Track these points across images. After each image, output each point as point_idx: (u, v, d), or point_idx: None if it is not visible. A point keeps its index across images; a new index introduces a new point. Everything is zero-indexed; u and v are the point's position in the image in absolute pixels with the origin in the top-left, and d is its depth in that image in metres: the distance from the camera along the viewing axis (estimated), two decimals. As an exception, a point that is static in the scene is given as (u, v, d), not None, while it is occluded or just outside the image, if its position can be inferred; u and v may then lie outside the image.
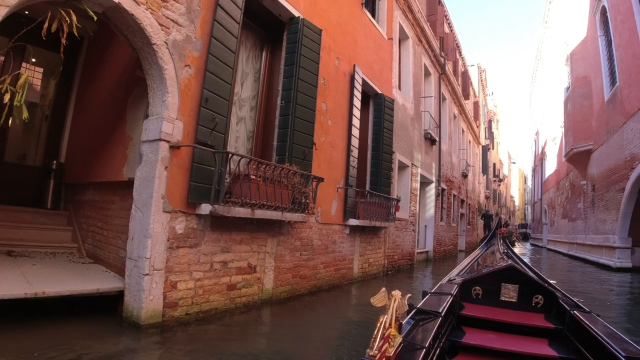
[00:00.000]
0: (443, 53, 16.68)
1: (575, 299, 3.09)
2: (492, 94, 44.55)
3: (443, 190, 16.79)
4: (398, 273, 10.41)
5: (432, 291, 3.18)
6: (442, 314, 2.50)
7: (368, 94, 9.48)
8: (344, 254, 7.90)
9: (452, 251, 18.93)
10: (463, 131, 23.33)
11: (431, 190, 15.12)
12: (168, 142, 4.37)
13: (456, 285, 3.28)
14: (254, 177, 4.93)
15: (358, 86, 8.32)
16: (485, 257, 5.63)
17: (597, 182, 17.51)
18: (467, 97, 23.51)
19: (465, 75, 23.93)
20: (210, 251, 4.87)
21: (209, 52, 4.84)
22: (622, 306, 7.70)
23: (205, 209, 4.60)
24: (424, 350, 1.82)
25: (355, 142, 8.11)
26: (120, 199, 5.37)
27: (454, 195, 19.59)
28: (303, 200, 5.83)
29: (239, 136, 6.20)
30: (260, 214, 5.14)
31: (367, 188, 9.05)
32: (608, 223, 15.58)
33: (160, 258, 4.25)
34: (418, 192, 13.04)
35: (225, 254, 5.09)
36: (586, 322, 2.51)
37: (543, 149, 34.97)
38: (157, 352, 3.62)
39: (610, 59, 15.83)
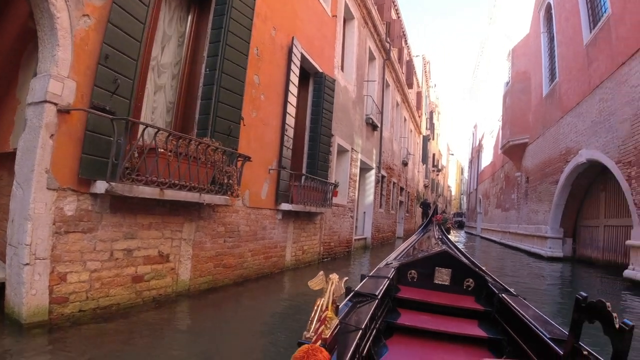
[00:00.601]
0: (389, 39, 16.35)
1: (504, 284, 3.21)
2: (435, 86, 45.51)
3: (383, 177, 16.60)
4: (334, 260, 10.01)
5: (370, 275, 3.22)
6: (379, 297, 2.55)
7: (308, 72, 8.89)
8: (276, 240, 7.31)
9: (391, 238, 18.95)
10: (405, 120, 23.37)
11: (371, 176, 14.84)
12: (55, 104, 3.63)
13: (393, 269, 3.35)
14: (162, 150, 4.18)
15: (296, 61, 7.69)
16: (421, 242, 5.74)
17: (531, 174, 18.10)
18: (410, 86, 23.53)
19: (410, 65, 23.93)
20: (110, 237, 4.08)
21: (113, 0, 4.03)
22: (550, 292, 8.09)
23: (100, 187, 3.77)
24: (360, 331, 1.84)
25: (291, 121, 7.51)
26: (8, 174, 4.52)
27: (394, 183, 19.54)
28: (226, 181, 5.12)
29: (157, 107, 5.37)
30: (171, 194, 4.39)
31: (304, 171, 8.50)
32: (540, 214, 16.11)
33: (44, 245, 3.52)
34: (358, 178, 12.67)
35: (130, 240, 4.31)
36: (513, 304, 2.59)
37: (480, 141, 36.17)
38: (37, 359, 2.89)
39: (551, 55, 16.27)
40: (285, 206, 7.25)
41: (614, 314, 1.43)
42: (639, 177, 8.65)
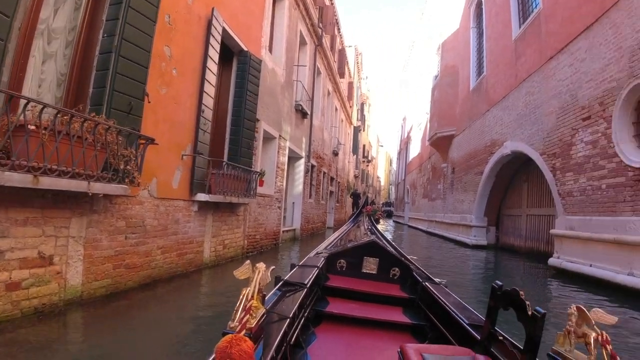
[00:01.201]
0: (321, 24, 15.80)
1: (427, 272, 3.33)
2: (367, 78, 45.93)
3: (313, 166, 16.09)
4: (261, 254, 9.32)
5: (300, 264, 3.25)
6: (308, 286, 2.59)
7: (232, 50, 8.07)
8: (191, 235, 6.45)
9: (321, 228, 18.58)
10: (336, 109, 23.07)
11: (300, 165, 14.25)
12: None
13: (323, 259, 3.41)
14: (33, 128, 3.29)
15: (217, 35, 6.85)
16: (351, 232, 5.81)
17: (457, 165, 18.54)
18: (342, 75, 23.24)
19: (342, 54, 23.62)
20: (-34, 237, 3.16)
21: None
22: (472, 279, 8.39)
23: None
24: (288, 320, 1.86)
25: (209, 101, 6.67)
26: None
27: (324, 173, 19.16)
28: (122, 167, 4.26)
29: (46, 79, 4.33)
30: (49, 183, 3.49)
31: (225, 159, 7.70)
32: (466, 203, 16.51)
33: None
34: (286, 166, 12.02)
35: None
36: (435, 292, 2.72)
37: (409, 133, 37.03)
38: None
39: (480, 50, 16.66)
40: (201, 196, 6.40)
41: (527, 302, 1.49)
42: (564, 169, 8.83)
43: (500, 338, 1.73)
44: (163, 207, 5.63)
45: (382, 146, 76.63)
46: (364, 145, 42.39)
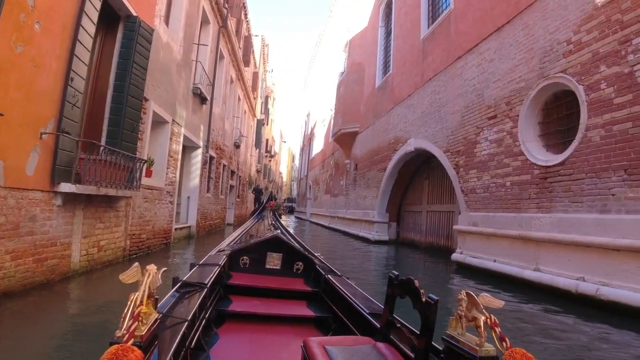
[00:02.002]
0: (227, 5, 14.72)
1: (330, 265, 3.37)
2: (272, 71, 45.05)
3: (212, 158, 14.81)
4: (148, 256, 7.99)
5: (200, 263, 3.11)
6: (208, 285, 2.50)
7: (117, 13, 6.78)
8: (54, 236, 4.99)
9: (220, 225, 17.34)
10: (239, 99, 21.90)
11: (197, 156, 12.89)
12: None
13: (224, 256, 3.32)
14: None
15: (97, -10, 5.63)
16: (254, 228, 5.74)
17: (360, 162, 18.65)
18: (247, 64, 22.19)
19: (249, 41, 22.57)
20: None
21: None
22: (373, 271, 8.63)
23: None
24: (186, 322, 1.78)
25: (82, 69, 5.31)
26: None
27: (224, 165, 17.90)
28: None
29: None
30: None
31: (103, 142, 6.43)
32: (368, 199, 16.59)
33: None
34: (180, 156, 10.65)
35: None
36: (337, 284, 2.80)
37: (312, 129, 37.04)
38: None
39: (387, 49, 16.84)
40: (67, 187, 4.98)
41: (422, 290, 1.56)
42: (467, 166, 8.98)
43: (398, 325, 1.81)
44: (13, 200, 4.26)
45: (285, 142, 76.31)
46: (267, 140, 41.53)
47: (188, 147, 12.25)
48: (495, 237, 7.57)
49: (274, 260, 3.51)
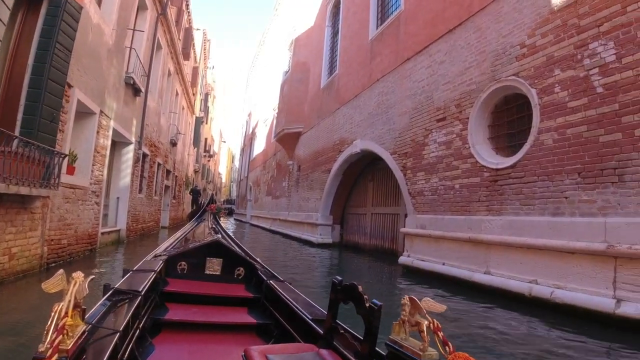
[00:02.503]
0: (168, -9, 13.84)
1: (272, 271, 3.32)
2: (213, 67, 43.63)
3: (145, 155, 13.66)
4: (70, 264, 7.01)
5: (134, 269, 2.92)
6: (143, 293, 2.36)
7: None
8: None
9: (154, 228, 16.16)
10: (177, 94, 20.74)
11: (129, 153, 11.80)
12: None
13: (161, 262, 3.17)
14: None
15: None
16: (194, 232, 5.50)
17: (303, 163, 18.31)
18: (187, 57, 21.11)
19: (189, 33, 21.48)
20: None
21: None
22: (317, 276, 8.41)
23: None
24: (118, 334, 1.69)
25: None
26: None
27: (159, 164, 16.70)
28: None
29: None
30: None
31: (17, 132, 5.55)
32: (311, 201, 16.26)
33: None
34: (108, 152, 9.65)
35: None
36: (279, 290, 2.77)
37: (254, 129, 36.22)
38: None
39: (333, 49, 16.64)
40: None
41: (365, 295, 1.58)
42: (415, 168, 8.90)
43: (342, 331, 1.81)
44: None
45: (224, 142, 74.15)
46: (206, 139, 40.05)
47: (118, 143, 11.22)
48: (444, 239, 7.48)
49: (213, 266, 3.38)
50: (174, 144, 19.98)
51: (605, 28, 5.06)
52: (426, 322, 1.31)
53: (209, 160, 47.65)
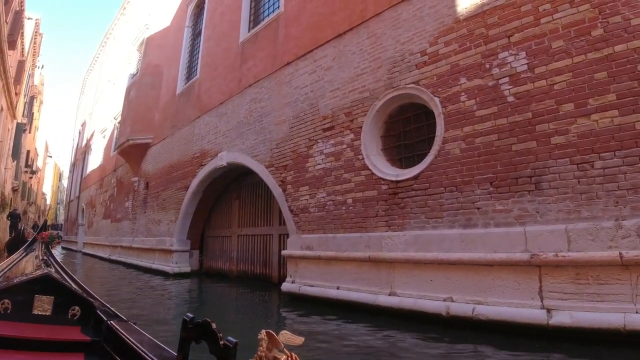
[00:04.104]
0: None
1: (115, 310, 3.01)
2: (43, 67, 37.34)
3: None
4: None
5: None
6: None
7: None
8: None
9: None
10: (-4, 90, 16.77)
11: None
12: None
13: None
14: None
15: None
16: (20, 264, 4.98)
17: (153, 179, 16.08)
18: (12, 46, 17.19)
19: (20, 17, 17.55)
20: None
21: None
22: (170, 312, 7.34)
23: None
24: None
25: None
26: None
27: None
28: None
29: None
30: None
31: None
32: (164, 224, 14.18)
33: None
34: None
35: None
36: (122, 331, 2.51)
37: (89, 141, 31.46)
38: None
39: (193, 52, 15.10)
40: None
41: (219, 333, 1.48)
42: (297, 182, 8.10)
43: None
44: None
45: (51, 157, 63.65)
46: (28, 151, 33.43)
47: None
48: (337, 261, 6.69)
49: (43, 305, 2.93)
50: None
51: (517, 38, 5.07)
52: (284, 357, 1.23)
53: (31, 178, 40.08)
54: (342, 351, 4.36)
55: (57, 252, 26.29)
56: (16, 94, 21.57)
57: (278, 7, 9.98)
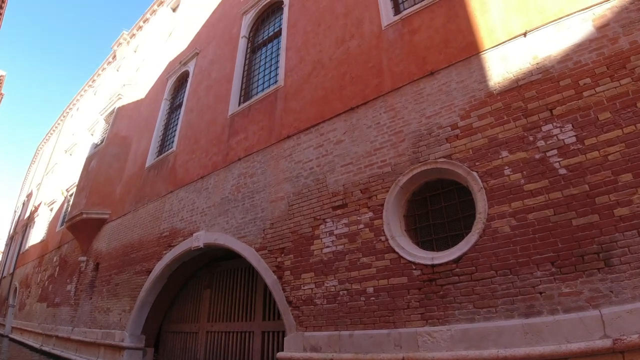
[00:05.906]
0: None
1: None
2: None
3: None
4: None
5: None
6: None
7: None
8: None
9: None
10: None
11: None
12: None
13: None
14: None
15: None
16: None
17: (105, 260, 14.23)
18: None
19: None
20: None
21: None
22: None
23: None
24: None
25: None
26: None
27: None
28: None
29: None
30: None
31: None
32: (114, 314, 12.16)
33: None
34: None
35: None
36: None
37: (32, 214, 28.83)
38: None
39: (169, 124, 14.36)
40: None
41: None
42: (298, 268, 7.10)
43: None
44: None
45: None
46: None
47: None
48: (357, 364, 5.59)
49: None
50: None
51: (560, 111, 4.88)
52: None
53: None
54: None
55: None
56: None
57: (276, 81, 9.67)
